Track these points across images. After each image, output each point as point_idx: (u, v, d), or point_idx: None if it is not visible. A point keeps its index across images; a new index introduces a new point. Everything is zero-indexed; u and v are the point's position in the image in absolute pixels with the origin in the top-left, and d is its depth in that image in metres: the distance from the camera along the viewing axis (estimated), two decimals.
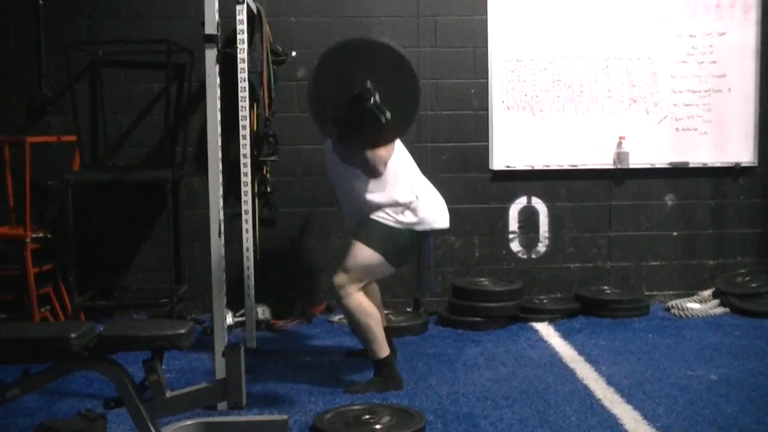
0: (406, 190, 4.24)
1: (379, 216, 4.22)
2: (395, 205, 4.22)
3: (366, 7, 6.01)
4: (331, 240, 6.02)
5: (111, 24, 5.89)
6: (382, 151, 4.05)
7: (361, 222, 4.27)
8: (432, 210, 4.33)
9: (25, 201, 5.31)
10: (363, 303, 4.22)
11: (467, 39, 6.09)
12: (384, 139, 3.90)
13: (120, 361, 3.30)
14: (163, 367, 3.39)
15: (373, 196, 4.22)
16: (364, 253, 4.20)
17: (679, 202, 6.29)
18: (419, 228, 4.28)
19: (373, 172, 4.12)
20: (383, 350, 4.26)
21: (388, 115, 3.69)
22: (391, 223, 4.22)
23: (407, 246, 4.35)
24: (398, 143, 4.26)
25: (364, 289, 4.30)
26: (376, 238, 4.21)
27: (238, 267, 5.07)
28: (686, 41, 6.18)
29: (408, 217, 4.23)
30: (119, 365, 3.27)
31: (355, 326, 4.27)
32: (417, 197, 4.26)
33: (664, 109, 6.20)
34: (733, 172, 6.28)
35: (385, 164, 4.12)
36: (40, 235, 5.45)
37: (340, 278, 4.21)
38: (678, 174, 6.26)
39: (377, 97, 3.68)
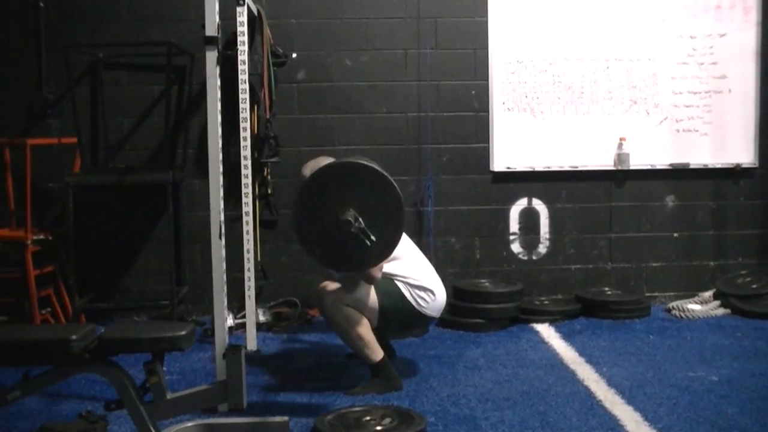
0: (425, 279, 4.34)
1: (399, 281, 4.28)
2: (412, 284, 4.30)
3: (366, 8, 6.02)
4: None
5: (111, 26, 5.90)
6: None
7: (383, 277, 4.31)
8: (438, 300, 4.39)
9: (25, 203, 5.31)
10: (349, 313, 4.22)
11: (468, 40, 6.09)
12: (370, 261, 3.94)
13: (121, 363, 3.30)
14: (164, 369, 3.39)
15: (393, 271, 4.30)
16: (366, 291, 4.23)
17: (679, 203, 6.29)
18: (425, 312, 4.32)
19: (369, 280, 4.19)
20: (377, 354, 4.26)
21: (373, 238, 3.73)
22: (407, 294, 4.28)
23: (404, 321, 4.37)
24: (404, 237, 4.27)
25: None
26: (386, 291, 4.25)
27: (238, 269, 5.07)
28: (686, 42, 6.18)
29: (422, 300, 4.30)
30: (120, 367, 3.27)
31: (345, 337, 4.28)
32: (434, 289, 4.35)
33: (665, 110, 6.20)
34: (734, 173, 6.28)
35: (381, 270, 4.17)
36: (41, 237, 5.45)
37: (329, 291, 4.25)
38: (678, 175, 6.26)
39: (361, 223, 3.72)
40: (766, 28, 6.20)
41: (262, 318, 5.59)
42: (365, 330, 4.23)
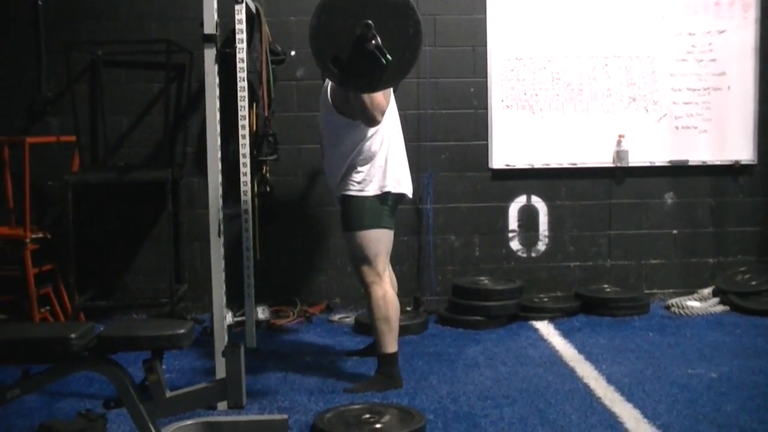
0: (385, 156, 4.30)
1: (355, 190, 4.27)
2: (372, 173, 4.27)
3: None
4: (331, 240, 6.03)
5: (110, 24, 5.89)
6: (380, 98, 4.07)
7: (342, 213, 4.34)
8: (403, 175, 4.38)
9: (24, 201, 5.32)
10: (389, 293, 4.27)
11: (466, 38, 6.08)
12: (384, 81, 3.91)
13: (120, 361, 3.30)
14: (163, 367, 3.39)
15: (358, 157, 4.27)
16: (368, 237, 4.24)
17: (678, 200, 6.29)
18: (395, 190, 4.32)
19: (371, 120, 4.14)
20: (393, 345, 4.28)
21: (390, 57, 3.71)
22: (369, 194, 4.26)
23: (387, 207, 4.34)
24: (393, 110, 4.31)
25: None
26: (364, 217, 4.25)
27: (237, 267, 5.07)
28: (685, 40, 6.18)
29: (384, 182, 4.28)
30: (119, 365, 3.27)
31: (376, 314, 4.27)
32: (393, 163, 4.33)
33: (664, 107, 6.20)
34: (733, 170, 6.28)
35: (383, 113, 4.14)
36: (40, 235, 5.45)
37: (366, 272, 4.26)
38: (678, 172, 6.26)
39: (378, 40, 3.70)
40: (765, 25, 6.20)
41: (261, 316, 5.59)
42: (394, 317, 4.27)
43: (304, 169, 6.02)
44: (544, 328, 5.54)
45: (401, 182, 4.36)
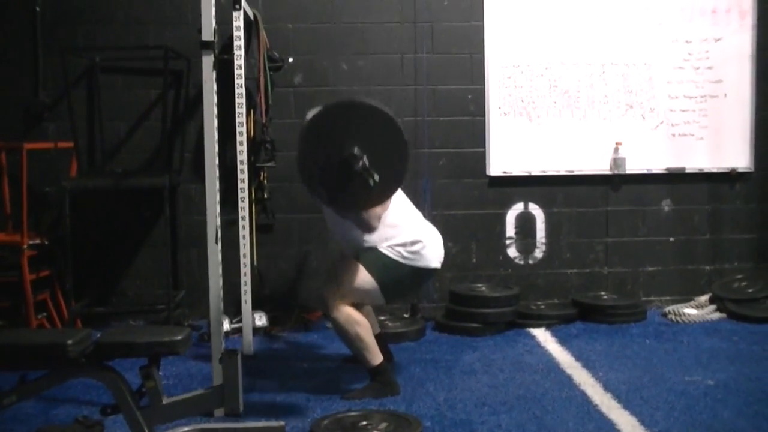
0: (406, 230, 4.29)
1: (384, 247, 4.25)
2: (397, 243, 4.26)
3: (363, 13, 6.02)
4: (329, 246, 6.01)
5: (108, 30, 5.90)
6: (376, 208, 4.09)
7: (367, 248, 4.29)
8: (432, 248, 4.34)
9: (22, 207, 5.30)
10: (351, 313, 4.22)
11: (464, 45, 6.10)
12: (373, 200, 3.95)
13: (117, 367, 3.30)
14: (160, 373, 3.39)
15: (374, 238, 4.25)
16: (361, 276, 4.22)
17: (675, 207, 6.30)
18: (420, 264, 4.28)
19: (368, 227, 4.18)
20: (376, 358, 4.26)
21: (377, 178, 3.73)
22: (395, 257, 4.24)
23: (406, 282, 4.36)
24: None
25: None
26: (378, 266, 4.23)
27: (235, 273, 5.06)
28: (682, 47, 6.19)
29: (409, 254, 4.26)
30: (116, 372, 3.27)
31: (345, 337, 4.27)
32: (418, 235, 4.30)
33: (661, 114, 6.21)
34: (730, 177, 6.29)
35: (379, 218, 4.16)
36: (37, 241, 5.44)
37: (330, 291, 4.24)
38: (675, 179, 6.26)
39: (365, 161, 3.72)
40: (761, 32, 6.21)
41: (258, 322, 5.58)
42: (365, 332, 4.23)
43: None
44: (542, 335, 5.55)
45: (428, 254, 4.31)
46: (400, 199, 4.39)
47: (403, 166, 3.89)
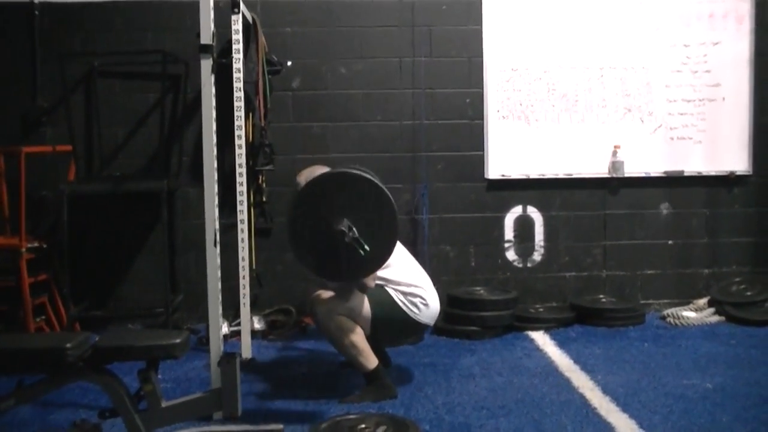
0: (412, 287, 4.32)
1: (391, 288, 4.29)
2: (402, 291, 4.29)
3: (361, 17, 6.03)
4: None
5: (106, 35, 5.90)
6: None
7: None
8: (431, 306, 4.38)
9: (20, 211, 5.30)
10: (341, 322, 4.22)
11: (462, 49, 6.10)
12: (364, 270, 3.98)
13: (115, 371, 3.30)
14: (159, 377, 3.39)
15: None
16: (359, 299, 4.23)
17: (674, 210, 6.31)
18: (416, 318, 4.32)
19: (363, 288, 4.21)
20: (371, 362, 4.26)
21: (367, 248, 3.76)
22: (396, 300, 4.28)
23: (396, 327, 4.38)
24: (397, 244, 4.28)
25: None
26: (379, 301, 4.25)
27: (233, 277, 5.06)
28: (680, 51, 6.20)
29: (411, 304, 4.30)
30: (114, 376, 3.27)
31: (338, 345, 4.28)
32: (423, 294, 4.34)
33: (659, 118, 6.22)
34: (728, 181, 6.30)
35: (375, 279, 4.20)
36: (36, 245, 5.44)
37: (321, 300, 4.27)
38: (673, 183, 6.27)
39: (355, 233, 3.77)
40: (759, 36, 6.22)
41: (257, 326, 5.59)
42: (358, 338, 4.23)
43: None
44: (540, 338, 5.54)
45: (426, 312, 4.34)
46: (403, 256, 4.46)
47: (393, 236, 3.94)
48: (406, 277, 4.34)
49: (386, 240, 3.89)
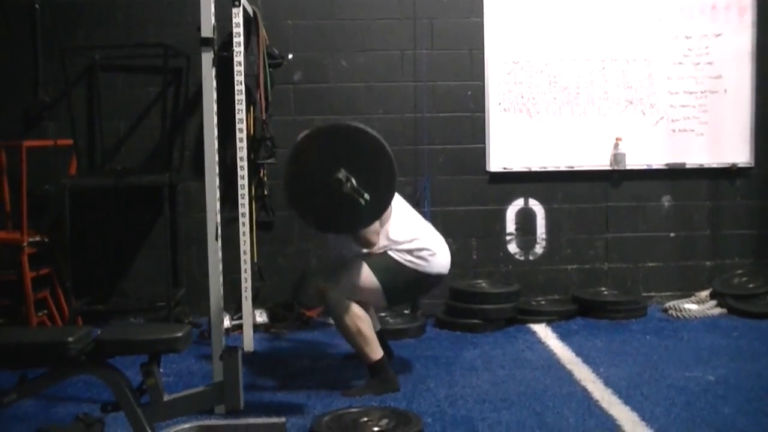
0: (411, 237, 4.29)
1: (391, 250, 4.26)
2: (403, 249, 4.26)
3: (362, 9, 6.02)
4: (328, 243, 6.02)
5: (107, 29, 5.89)
6: (373, 224, 4.10)
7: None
8: (438, 255, 4.35)
9: (21, 206, 5.31)
10: (351, 308, 4.21)
11: (463, 41, 6.09)
12: (364, 220, 3.97)
13: (117, 365, 3.30)
14: (161, 370, 3.39)
15: (377, 249, 4.27)
16: (364, 275, 4.22)
17: (676, 203, 6.30)
18: (425, 270, 4.29)
19: (366, 243, 4.20)
20: (376, 353, 4.26)
21: (367, 197, 3.75)
22: (401, 260, 4.25)
23: (408, 286, 4.35)
24: (397, 197, 4.28)
25: None
26: (382, 268, 4.23)
27: (235, 270, 5.06)
28: (682, 43, 6.19)
29: (416, 258, 4.27)
30: (117, 369, 3.27)
31: (345, 331, 4.26)
32: (424, 243, 4.31)
33: (661, 110, 6.21)
34: (730, 173, 6.29)
35: (378, 233, 4.18)
36: (37, 239, 5.44)
37: (330, 287, 4.24)
38: (675, 175, 6.26)
39: (353, 182, 3.74)
40: (761, 29, 6.21)
41: (258, 319, 5.59)
42: (366, 326, 4.23)
43: None
44: (542, 331, 5.55)
45: (434, 260, 4.31)
46: (403, 209, 4.42)
47: (392, 184, 3.91)
48: (407, 234, 4.28)
49: (385, 187, 3.87)
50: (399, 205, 4.35)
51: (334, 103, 6.03)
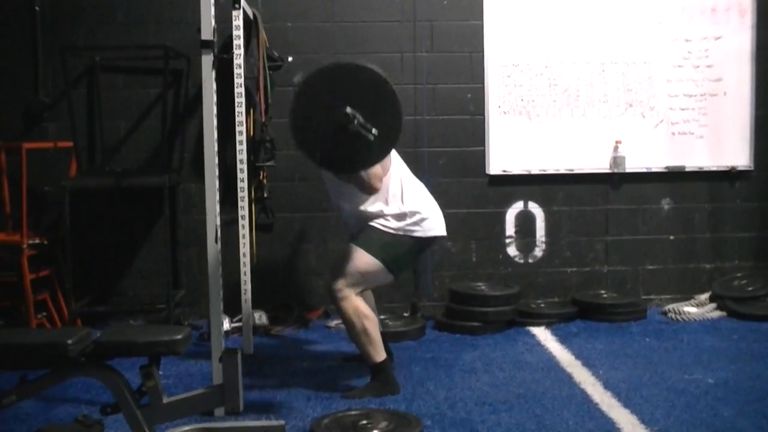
0: (406, 199, 4.29)
1: (379, 223, 4.26)
2: (396, 213, 4.26)
3: (362, 12, 6.02)
4: (329, 245, 6.02)
5: (108, 30, 5.90)
6: (376, 168, 4.08)
7: (362, 229, 4.31)
8: (431, 218, 4.36)
9: (21, 207, 5.31)
10: (359, 306, 4.22)
11: (463, 44, 6.10)
12: (371, 159, 3.94)
13: (117, 366, 3.30)
14: (160, 372, 3.39)
15: (375, 206, 4.27)
16: (363, 259, 4.22)
17: (675, 205, 6.30)
18: (419, 235, 4.29)
19: (369, 189, 4.18)
20: (379, 354, 4.26)
21: (375, 132, 3.73)
22: (392, 231, 4.25)
23: (407, 254, 4.36)
24: (395, 154, 4.30)
25: (361, 294, 4.31)
26: (376, 245, 4.23)
27: (235, 272, 5.06)
28: (682, 45, 6.19)
29: (408, 225, 4.27)
30: (116, 371, 3.27)
31: (351, 330, 4.26)
32: (417, 206, 4.31)
33: (660, 113, 6.21)
34: (730, 175, 6.29)
35: (381, 179, 4.17)
36: (37, 241, 5.44)
37: (337, 282, 4.22)
38: (674, 178, 6.26)
39: (360, 118, 3.72)
40: (761, 31, 6.21)
41: (258, 321, 5.59)
42: (372, 327, 4.24)
43: (301, 175, 6.01)
44: (542, 333, 5.55)
45: (427, 225, 4.32)
46: (401, 168, 4.41)
47: (398, 121, 3.87)
48: (396, 206, 4.28)
49: (392, 124, 3.84)
50: (398, 162, 4.37)
51: None
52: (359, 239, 4.28)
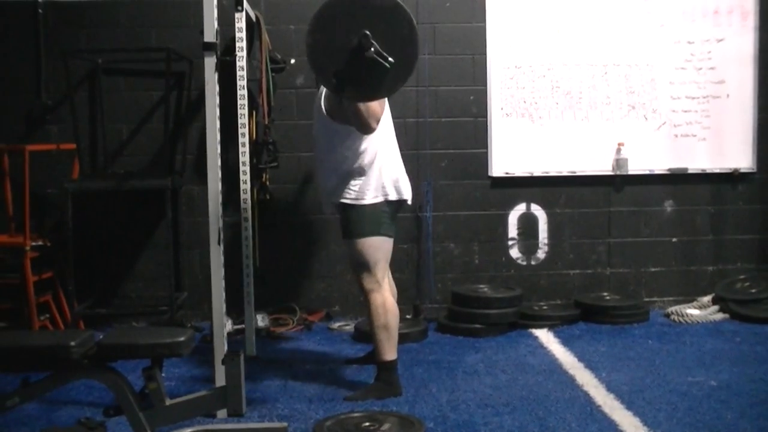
0: (384, 161, 4.30)
1: (351, 198, 4.26)
2: (370, 178, 4.26)
3: None
4: (331, 248, 6.03)
5: (110, 32, 5.90)
6: (375, 106, 4.08)
7: (341, 220, 4.34)
8: (402, 182, 4.38)
9: (24, 209, 5.31)
10: (388, 301, 4.27)
11: (466, 46, 6.10)
12: (385, 88, 3.92)
13: (120, 369, 3.30)
14: (163, 375, 3.39)
15: (356, 162, 4.25)
16: (367, 244, 4.24)
17: (678, 208, 6.30)
18: (393, 198, 4.31)
19: (366, 127, 4.15)
20: (392, 353, 4.27)
21: (391, 60, 3.74)
22: (367, 203, 4.26)
23: (388, 215, 4.34)
24: (388, 115, 4.31)
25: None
26: (364, 225, 4.25)
27: (237, 274, 5.06)
28: (684, 48, 6.19)
29: (382, 190, 4.28)
30: (119, 373, 3.28)
31: (374, 321, 4.27)
32: (393, 170, 4.34)
33: (663, 115, 6.21)
34: (732, 178, 6.29)
35: (378, 120, 4.16)
36: (40, 243, 5.45)
37: (362, 277, 4.27)
38: (677, 180, 6.26)
39: (377, 46, 3.73)
40: (763, 33, 6.21)
41: (260, 323, 5.58)
42: (394, 324, 4.27)
43: (304, 177, 6.02)
44: (544, 335, 5.54)
45: (400, 189, 4.35)
46: (387, 129, 4.40)
47: (414, 49, 3.86)
48: (376, 168, 4.29)
49: (408, 53, 3.82)
50: (387, 120, 4.38)
51: None
52: (349, 232, 4.29)
